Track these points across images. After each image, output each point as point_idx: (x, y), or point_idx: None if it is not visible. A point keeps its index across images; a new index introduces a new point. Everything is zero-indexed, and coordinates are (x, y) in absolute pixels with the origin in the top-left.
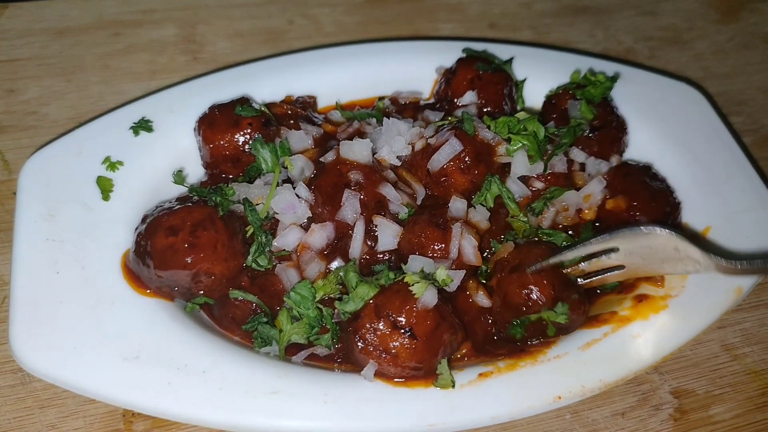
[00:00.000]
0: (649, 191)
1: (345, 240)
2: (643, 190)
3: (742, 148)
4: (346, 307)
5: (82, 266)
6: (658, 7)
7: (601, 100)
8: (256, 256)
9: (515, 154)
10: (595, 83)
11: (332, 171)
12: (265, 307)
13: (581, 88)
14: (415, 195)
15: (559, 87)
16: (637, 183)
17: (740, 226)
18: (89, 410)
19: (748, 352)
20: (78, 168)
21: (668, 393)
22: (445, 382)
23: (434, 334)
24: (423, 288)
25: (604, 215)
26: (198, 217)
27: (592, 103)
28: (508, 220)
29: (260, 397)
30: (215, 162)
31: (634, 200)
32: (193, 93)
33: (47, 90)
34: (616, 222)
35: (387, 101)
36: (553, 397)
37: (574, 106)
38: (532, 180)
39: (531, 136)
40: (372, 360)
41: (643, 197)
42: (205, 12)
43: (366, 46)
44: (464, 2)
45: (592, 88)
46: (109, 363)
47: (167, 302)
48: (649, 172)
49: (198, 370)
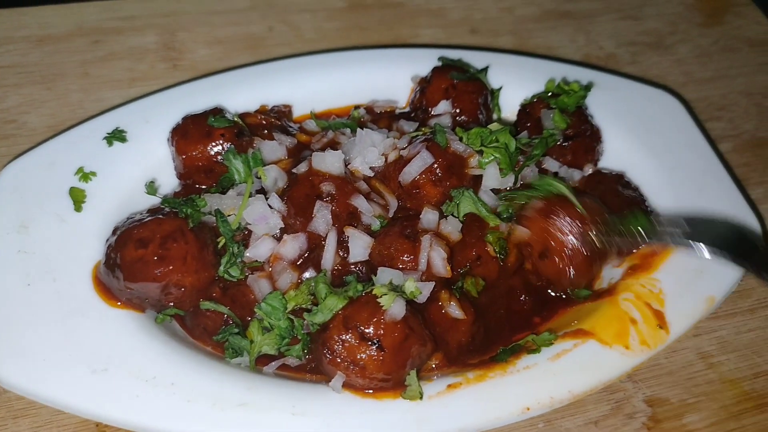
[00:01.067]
0: (621, 199)
1: (317, 251)
2: (615, 198)
3: (719, 156)
4: (315, 319)
5: (54, 278)
6: (641, 12)
7: (576, 109)
8: (228, 266)
9: (487, 167)
10: (569, 92)
11: (304, 182)
12: (236, 318)
13: (555, 97)
14: (388, 206)
15: (534, 96)
16: (609, 191)
17: None
18: (63, 420)
19: (724, 360)
20: (51, 179)
21: (642, 401)
22: (413, 394)
23: (402, 346)
24: (391, 300)
25: None
26: (168, 229)
27: (566, 112)
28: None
29: (228, 409)
30: (188, 172)
31: (608, 209)
32: (169, 103)
33: (27, 98)
34: None
35: (362, 110)
36: (522, 408)
37: (548, 116)
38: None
39: (503, 148)
40: (339, 371)
41: (615, 205)
42: (186, 19)
43: (342, 54)
44: (446, 8)
45: (565, 97)
46: (78, 375)
47: (138, 314)
48: (622, 181)
49: (166, 382)
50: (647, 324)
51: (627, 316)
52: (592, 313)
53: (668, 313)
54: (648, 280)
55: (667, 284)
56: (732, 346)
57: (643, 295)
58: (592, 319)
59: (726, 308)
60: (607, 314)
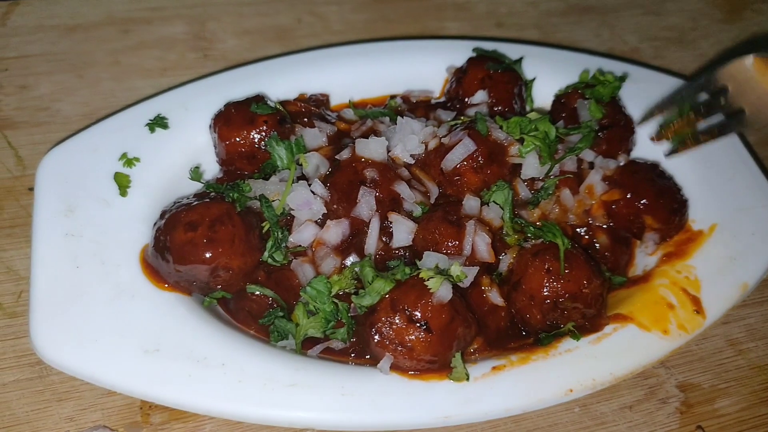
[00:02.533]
0: (657, 188)
1: (359, 236)
2: (651, 188)
3: (746, 147)
4: (362, 302)
5: (102, 261)
6: (663, 7)
7: (610, 99)
8: (273, 251)
9: (527, 156)
10: (604, 83)
11: (348, 168)
12: (282, 301)
13: (590, 87)
14: (429, 193)
15: (569, 86)
16: (644, 180)
17: (745, 222)
18: (107, 403)
19: (753, 347)
20: (95, 164)
21: (674, 387)
22: (460, 375)
23: (449, 328)
24: (438, 283)
25: (613, 214)
26: (216, 212)
27: (601, 102)
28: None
29: (278, 389)
30: (230, 159)
31: (642, 197)
32: (207, 91)
33: (59, 86)
34: (624, 224)
35: (399, 99)
36: (565, 390)
37: (583, 106)
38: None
39: (542, 136)
40: (388, 353)
41: (651, 194)
42: (215, 9)
43: (377, 44)
44: (471, 1)
45: (601, 87)
46: (129, 355)
47: (185, 296)
48: (656, 170)
49: (217, 363)
50: (684, 309)
51: (664, 301)
52: (629, 299)
53: (704, 298)
54: (683, 266)
55: (702, 271)
56: (760, 333)
57: (679, 281)
58: (629, 304)
59: (754, 296)
60: (644, 299)
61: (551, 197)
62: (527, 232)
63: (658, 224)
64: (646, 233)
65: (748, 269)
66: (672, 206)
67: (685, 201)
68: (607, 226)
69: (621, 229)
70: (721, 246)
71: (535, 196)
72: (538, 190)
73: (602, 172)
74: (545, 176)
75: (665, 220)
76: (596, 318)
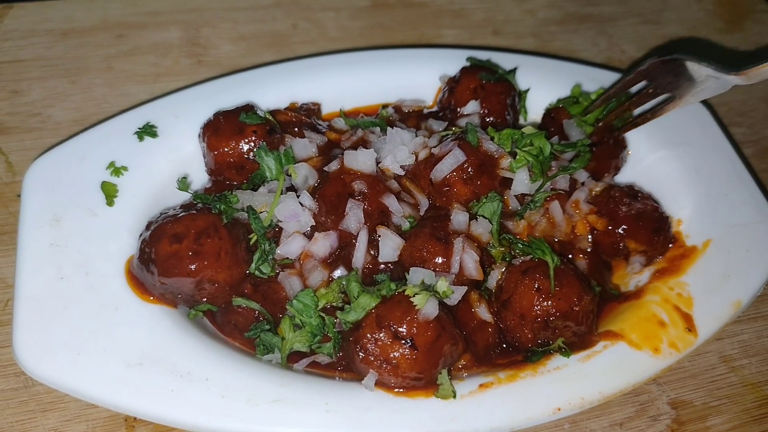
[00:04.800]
0: (634, 212)
1: (348, 249)
2: (628, 212)
3: (742, 160)
4: (347, 317)
5: (86, 272)
6: (661, 16)
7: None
8: (260, 263)
9: (517, 172)
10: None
11: (336, 180)
12: (268, 314)
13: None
14: (419, 205)
15: (559, 100)
16: (621, 206)
17: (740, 238)
18: (92, 414)
19: (746, 363)
20: (82, 172)
21: (666, 404)
22: (446, 393)
23: (435, 345)
24: (424, 300)
25: (596, 242)
26: (202, 224)
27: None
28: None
29: (262, 405)
30: (219, 169)
31: (620, 224)
32: (198, 99)
33: (51, 91)
34: (609, 251)
35: (390, 109)
36: (553, 408)
37: (570, 125)
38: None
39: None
40: (373, 370)
41: (629, 219)
42: (210, 15)
43: (369, 53)
44: (468, 8)
45: (586, 104)
46: (112, 369)
47: (170, 309)
48: (632, 193)
49: (201, 378)
50: (676, 327)
51: (656, 318)
52: (620, 315)
53: (696, 316)
54: (676, 282)
55: (696, 287)
56: (754, 349)
57: (671, 298)
58: (620, 320)
59: (748, 312)
60: (635, 316)
61: (539, 209)
62: (515, 249)
63: (643, 246)
64: (632, 257)
65: (742, 286)
66: (652, 226)
67: (665, 218)
68: (590, 250)
69: (605, 254)
70: (715, 262)
71: (522, 207)
72: (528, 203)
73: (587, 191)
74: (536, 191)
75: (649, 242)
76: (587, 335)
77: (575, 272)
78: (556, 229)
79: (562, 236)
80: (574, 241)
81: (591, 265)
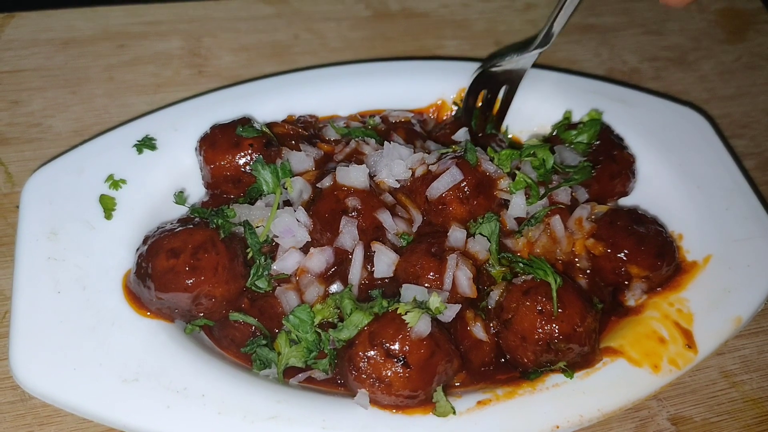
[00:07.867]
0: (636, 237)
1: (345, 264)
2: (630, 238)
3: (744, 174)
4: (340, 335)
5: (83, 286)
6: (664, 27)
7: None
8: (256, 279)
9: (513, 197)
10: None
11: (329, 197)
12: (265, 329)
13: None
14: (413, 220)
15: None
16: (623, 230)
17: (741, 254)
18: (88, 428)
19: (747, 379)
20: (81, 185)
21: (666, 420)
22: (444, 410)
23: (428, 363)
24: (416, 318)
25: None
26: (199, 239)
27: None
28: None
29: (258, 422)
30: (216, 182)
31: (621, 248)
32: (197, 111)
33: (51, 102)
34: (610, 278)
35: (377, 118)
36: (552, 426)
37: (563, 150)
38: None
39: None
40: (365, 388)
41: (631, 244)
42: (211, 25)
43: (368, 65)
44: (470, 19)
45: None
46: (108, 385)
47: (167, 323)
48: (635, 216)
49: (197, 394)
50: (675, 344)
51: (656, 335)
52: (620, 331)
53: (696, 333)
54: (676, 298)
55: (696, 303)
56: (755, 365)
57: (671, 315)
58: (620, 337)
59: (750, 327)
60: (635, 333)
61: (539, 225)
62: (516, 268)
63: (645, 272)
64: (634, 282)
65: (742, 302)
66: (656, 251)
67: (670, 242)
68: (590, 271)
69: (605, 281)
70: (716, 278)
71: (522, 224)
72: (528, 219)
73: (589, 208)
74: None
75: (651, 267)
76: (590, 354)
77: (577, 290)
78: (557, 246)
79: (563, 256)
80: (574, 260)
81: (591, 283)
